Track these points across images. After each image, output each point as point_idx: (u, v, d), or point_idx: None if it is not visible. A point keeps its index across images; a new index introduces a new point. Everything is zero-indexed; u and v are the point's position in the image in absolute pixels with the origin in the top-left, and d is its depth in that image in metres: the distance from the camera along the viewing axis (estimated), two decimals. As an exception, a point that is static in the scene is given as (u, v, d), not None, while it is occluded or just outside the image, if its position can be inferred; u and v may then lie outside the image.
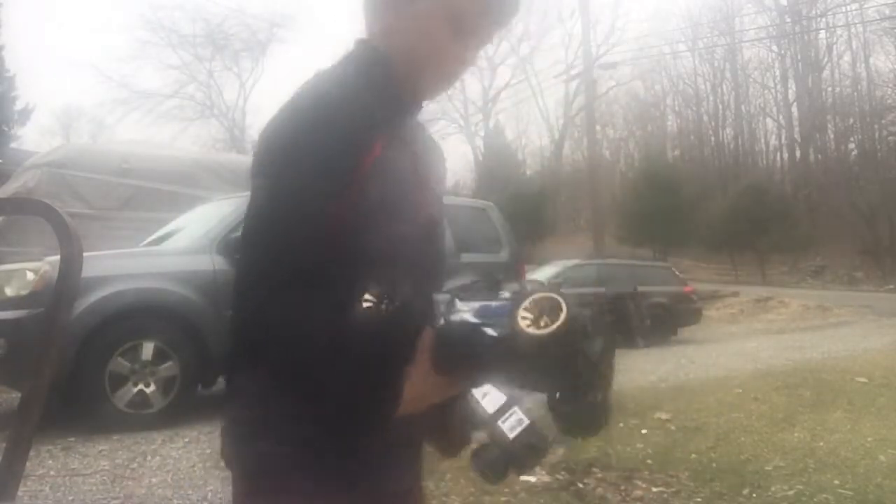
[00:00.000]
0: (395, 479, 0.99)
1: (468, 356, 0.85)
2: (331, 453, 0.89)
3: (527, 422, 0.86)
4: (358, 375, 0.85)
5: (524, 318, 0.80)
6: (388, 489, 0.98)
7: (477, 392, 0.89)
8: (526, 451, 0.85)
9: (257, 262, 0.86)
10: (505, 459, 0.86)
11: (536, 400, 0.88)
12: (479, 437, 0.91)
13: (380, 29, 1.02)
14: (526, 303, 0.81)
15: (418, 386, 0.86)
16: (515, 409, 0.87)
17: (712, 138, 44.74)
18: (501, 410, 0.87)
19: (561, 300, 0.80)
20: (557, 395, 0.86)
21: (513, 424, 0.86)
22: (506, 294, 0.89)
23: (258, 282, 0.85)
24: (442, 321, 0.88)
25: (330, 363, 0.84)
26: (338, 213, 0.88)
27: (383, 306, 0.85)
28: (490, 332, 0.84)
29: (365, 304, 0.85)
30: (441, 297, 0.90)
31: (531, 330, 0.79)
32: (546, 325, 0.79)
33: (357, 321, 0.85)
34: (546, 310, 0.80)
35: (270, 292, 0.84)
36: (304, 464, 0.89)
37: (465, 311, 0.87)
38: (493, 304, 0.87)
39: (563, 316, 0.78)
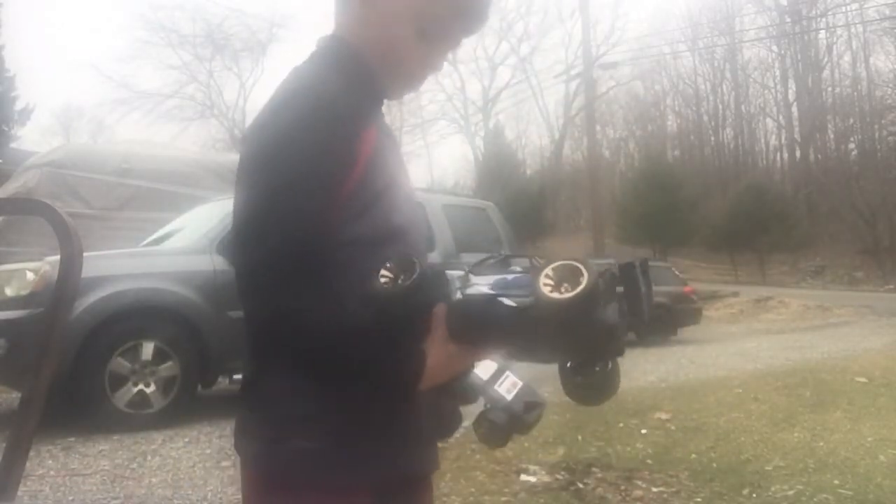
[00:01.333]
0: (420, 463, 1.00)
1: (488, 325, 0.87)
2: (359, 442, 0.90)
3: (521, 383, 0.89)
4: (378, 354, 0.86)
5: (546, 284, 0.82)
6: (414, 473, 0.99)
7: None
8: (526, 410, 0.88)
9: (266, 259, 0.85)
10: (507, 420, 0.88)
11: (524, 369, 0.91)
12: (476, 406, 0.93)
13: (349, 21, 1.03)
14: (548, 269, 0.83)
15: (437, 357, 0.88)
16: (508, 373, 0.90)
17: (712, 138, 44.74)
18: (496, 375, 0.90)
19: (582, 267, 0.81)
20: (569, 364, 0.88)
21: (508, 387, 0.89)
22: (517, 268, 0.93)
23: (273, 278, 0.85)
24: (459, 295, 0.90)
25: (349, 347, 0.86)
26: (343, 199, 0.89)
27: (399, 283, 0.86)
28: (507, 301, 0.86)
29: (378, 284, 0.86)
30: (456, 273, 0.93)
31: (554, 295, 0.80)
32: (567, 291, 0.80)
33: (371, 302, 0.87)
34: (567, 276, 0.81)
35: (286, 287, 0.84)
36: (333, 457, 0.89)
37: (482, 285, 0.90)
38: (509, 277, 0.90)
39: (584, 281, 0.80)
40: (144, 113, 36.37)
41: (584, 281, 0.80)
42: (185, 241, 5.36)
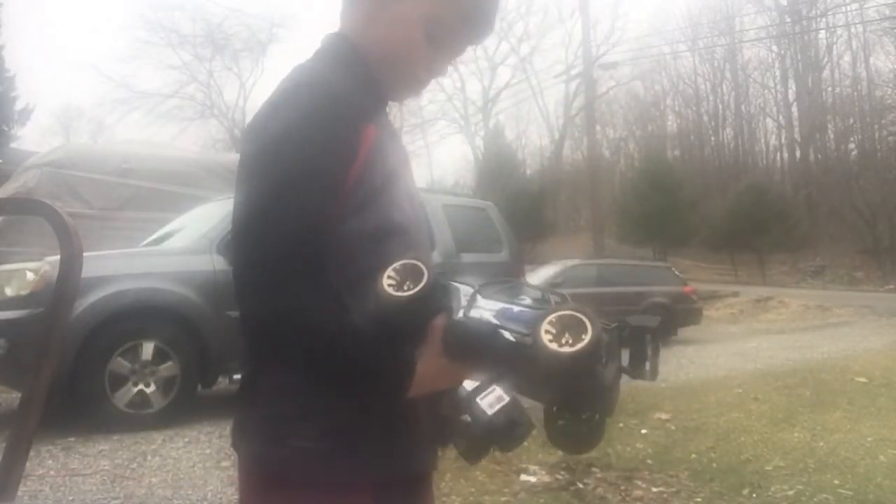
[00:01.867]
0: (420, 462, 1.00)
1: (484, 354, 0.85)
2: (357, 441, 0.90)
3: (507, 398, 0.85)
4: (370, 355, 0.86)
5: (547, 331, 0.79)
6: (413, 472, 0.99)
7: None
8: (507, 428, 0.85)
9: (264, 258, 0.85)
10: (485, 436, 0.85)
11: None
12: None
13: (357, 20, 1.03)
14: (552, 317, 0.80)
15: (428, 368, 0.87)
16: (495, 386, 0.86)
17: (712, 138, 44.74)
18: (480, 388, 0.86)
19: (587, 322, 0.78)
20: (554, 408, 0.86)
21: (492, 401, 0.85)
22: (526, 300, 0.90)
23: (272, 277, 0.85)
24: (462, 314, 0.88)
25: (345, 347, 0.85)
26: (343, 198, 0.89)
27: (405, 289, 0.85)
28: (507, 335, 0.84)
29: (382, 287, 0.85)
30: (464, 289, 0.90)
31: (553, 345, 0.78)
32: (567, 343, 0.78)
33: (371, 303, 0.86)
34: (570, 327, 0.79)
35: (284, 286, 0.84)
36: (331, 455, 0.89)
37: (486, 310, 0.87)
38: (515, 308, 0.87)
39: (587, 339, 0.77)
40: (144, 113, 36.45)
41: (587, 339, 0.77)
42: (185, 241, 5.36)
